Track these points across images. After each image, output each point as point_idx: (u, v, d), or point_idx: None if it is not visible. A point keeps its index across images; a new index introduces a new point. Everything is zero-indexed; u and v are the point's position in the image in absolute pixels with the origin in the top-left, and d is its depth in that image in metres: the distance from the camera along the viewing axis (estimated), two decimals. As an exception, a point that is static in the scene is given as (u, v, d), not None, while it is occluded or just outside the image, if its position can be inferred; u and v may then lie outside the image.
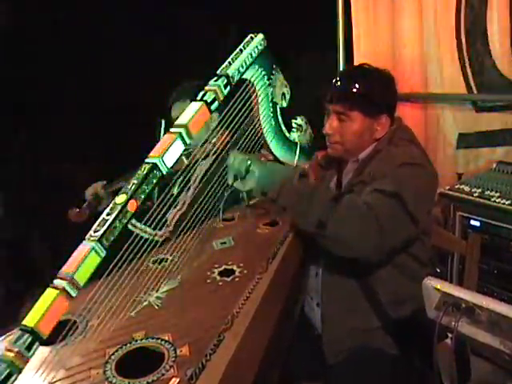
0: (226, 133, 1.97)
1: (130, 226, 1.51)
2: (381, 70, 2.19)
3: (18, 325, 1.24)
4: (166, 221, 1.83)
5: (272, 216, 2.30)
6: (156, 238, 1.77)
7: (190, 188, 2.20)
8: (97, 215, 1.43)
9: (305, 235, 1.99)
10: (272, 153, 2.22)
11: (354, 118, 2.10)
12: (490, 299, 1.29)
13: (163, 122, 2.76)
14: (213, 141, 2.22)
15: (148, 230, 1.69)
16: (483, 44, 3.41)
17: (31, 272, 3.84)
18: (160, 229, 1.78)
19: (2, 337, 1.60)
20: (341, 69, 4.07)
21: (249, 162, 1.89)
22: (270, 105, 2.12)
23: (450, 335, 1.44)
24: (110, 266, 1.50)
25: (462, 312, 1.32)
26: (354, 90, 2.09)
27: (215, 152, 2.20)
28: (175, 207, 2.18)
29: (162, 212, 1.69)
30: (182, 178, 2.08)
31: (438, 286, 1.38)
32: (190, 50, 4.24)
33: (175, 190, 2.08)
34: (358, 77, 2.13)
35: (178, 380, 1.34)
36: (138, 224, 1.65)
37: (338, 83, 2.15)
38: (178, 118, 2.64)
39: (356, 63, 4.06)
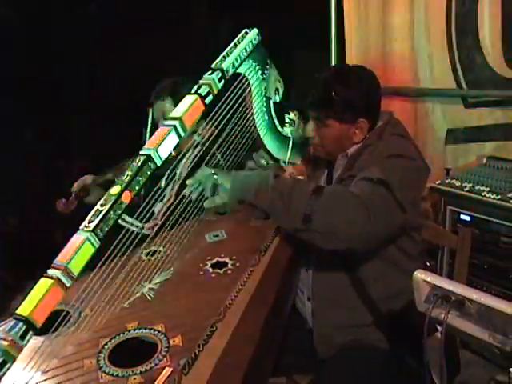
0: (212, 124, 1.96)
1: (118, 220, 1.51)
2: (360, 72, 2.15)
3: (10, 315, 1.25)
4: (153, 213, 1.83)
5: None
6: (144, 230, 1.77)
7: (177, 180, 2.21)
8: (85, 207, 1.44)
9: (295, 238, 1.96)
10: (265, 147, 2.23)
11: (329, 124, 2.09)
12: (479, 292, 1.30)
13: (151, 111, 2.76)
14: (199, 132, 2.22)
15: (136, 223, 1.69)
16: (474, 39, 3.42)
17: (24, 262, 3.84)
18: (147, 221, 1.79)
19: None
20: (333, 63, 4.08)
21: (215, 176, 1.87)
22: (264, 99, 2.12)
23: (439, 329, 1.45)
24: (103, 258, 1.50)
25: (451, 305, 1.33)
26: (328, 98, 2.06)
27: (202, 143, 2.20)
28: (162, 200, 2.19)
29: (150, 205, 1.69)
30: (169, 170, 2.08)
31: (428, 279, 1.39)
32: (183, 45, 4.23)
33: (163, 183, 2.09)
34: (332, 83, 2.08)
35: (170, 370, 1.36)
36: (127, 217, 1.65)
37: (313, 90, 2.13)
38: (160, 118, 2.67)
39: (347, 57, 4.07)
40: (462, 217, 2.97)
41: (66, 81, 3.91)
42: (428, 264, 3.01)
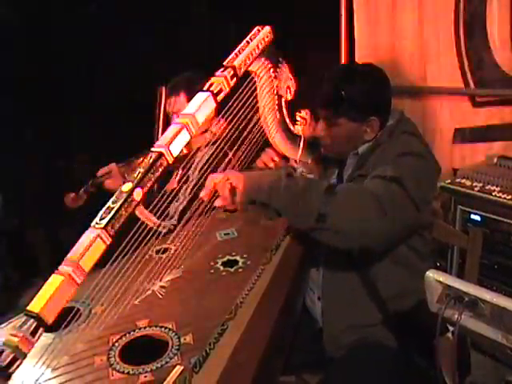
0: (225, 122, 1.95)
1: (136, 212, 1.51)
2: (369, 70, 2.16)
3: (17, 313, 1.25)
4: (168, 213, 1.83)
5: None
6: (160, 228, 1.77)
7: (190, 180, 2.21)
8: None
9: (306, 237, 1.96)
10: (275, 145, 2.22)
11: (339, 123, 2.10)
12: (493, 293, 1.29)
13: (164, 89, 2.75)
14: (213, 130, 2.22)
15: (153, 219, 1.69)
16: (482, 39, 3.41)
17: (29, 260, 3.86)
18: (163, 219, 1.79)
19: (3, 324, 1.61)
20: (343, 62, 4.07)
21: (229, 181, 1.86)
22: (275, 97, 2.11)
23: (450, 329, 1.44)
24: (114, 255, 1.50)
25: (464, 305, 1.32)
26: (339, 97, 2.06)
27: (214, 142, 2.19)
28: (177, 199, 2.18)
29: (167, 203, 1.70)
30: (182, 169, 2.08)
31: (441, 279, 1.38)
32: (183, 45, 4.23)
33: (175, 184, 2.09)
34: (343, 81, 2.10)
35: (182, 368, 1.35)
36: (145, 211, 1.65)
37: (323, 88, 2.14)
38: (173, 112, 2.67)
39: (357, 56, 4.06)
40: (473, 216, 2.96)
41: (66, 81, 3.92)
42: (438, 264, 3.01)
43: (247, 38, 1.86)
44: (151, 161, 1.46)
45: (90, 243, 1.30)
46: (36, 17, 3.70)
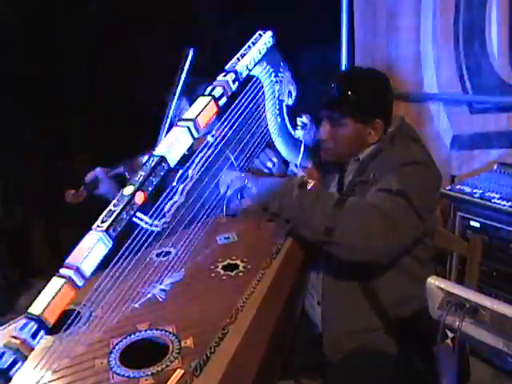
0: (225, 126, 1.95)
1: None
2: (375, 73, 2.18)
3: (15, 315, 1.25)
4: (163, 211, 1.83)
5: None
6: (153, 228, 1.76)
7: (188, 181, 2.21)
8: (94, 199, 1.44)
9: (303, 241, 1.99)
10: (276, 149, 2.22)
11: (345, 124, 2.09)
12: (494, 299, 1.29)
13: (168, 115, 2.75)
14: (213, 133, 2.22)
15: (146, 219, 1.69)
16: (481, 45, 3.42)
17: (28, 261, 3.86)
18: (156, 218, 1.78)
19: (2, 326, 1.61)
20: (343, 67, 4.07)
21: (246, 180, 1.91)
22: (277, 102, 2.12)
23: (449, 336, 1.44)
24: (115, 258, 1.50)
25: (465, 312, 1.32)
26: (345, 97, 2.07)
27: (215, 145, 2.19)
28: (172, 198, 2.18)
29: (163, 203, 1.70)
30: (181, 170, 2.08)
31: (442, 286, 1.38)
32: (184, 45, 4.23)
33: (174, 182, 2.08)
34: (349, 82, 2.11)
35: (182, 371, 1.35)
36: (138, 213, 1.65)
37: (330, 89, 2.14)
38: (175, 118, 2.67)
39: (356, 61, 4.06)
40: (472, 223, 2.97)
41: (66, 81, 3.91)
42: (436, 270, 3.00)
43: (249, 43, 1.87)
44: (153, 164, 1.47)
45: (91, 246, 1.30)
46: (36, 17, 3.69)
